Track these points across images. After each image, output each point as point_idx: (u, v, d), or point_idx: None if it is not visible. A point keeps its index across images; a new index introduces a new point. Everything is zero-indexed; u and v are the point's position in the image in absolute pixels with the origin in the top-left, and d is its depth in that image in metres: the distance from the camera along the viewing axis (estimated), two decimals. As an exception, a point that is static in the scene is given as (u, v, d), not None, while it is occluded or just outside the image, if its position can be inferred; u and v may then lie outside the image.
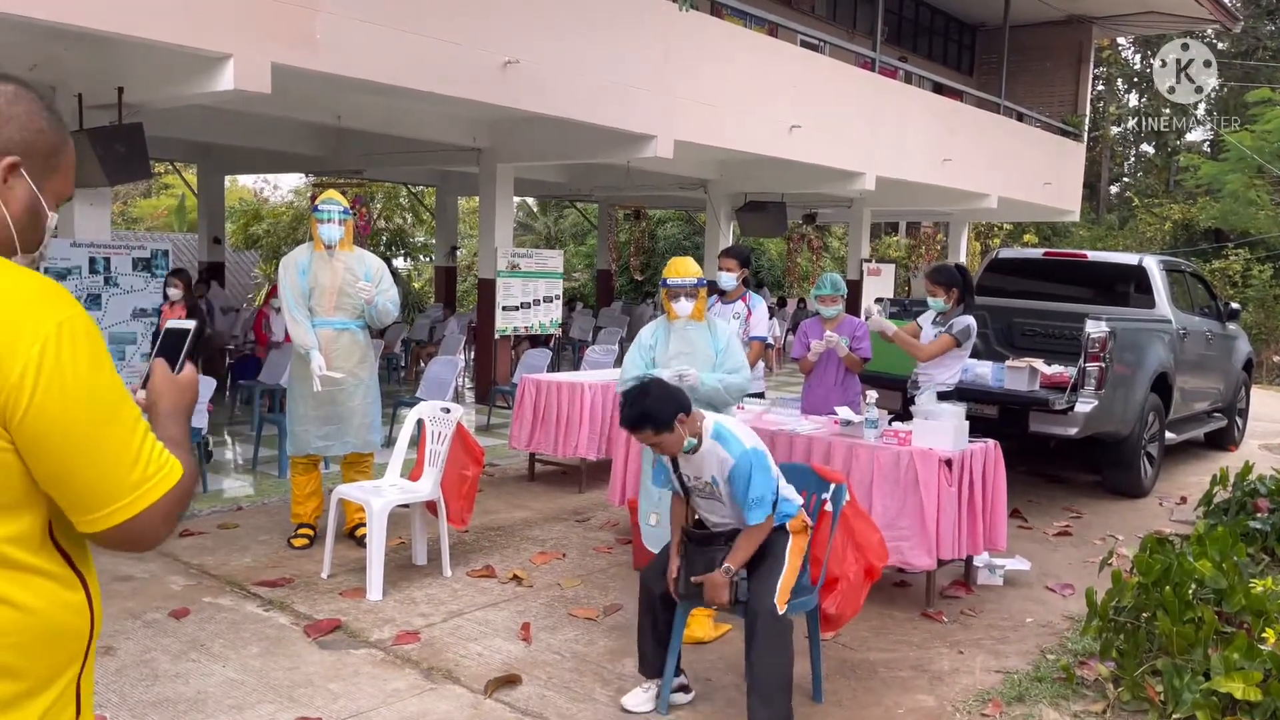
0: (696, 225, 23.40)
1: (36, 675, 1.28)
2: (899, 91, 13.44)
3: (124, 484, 1.27)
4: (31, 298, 1.23)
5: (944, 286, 5.66)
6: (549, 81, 8.14)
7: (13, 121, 1.34)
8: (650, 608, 3.62)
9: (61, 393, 1.22)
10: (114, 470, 1.27)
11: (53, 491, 1.27)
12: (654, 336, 4.47)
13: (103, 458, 1.26)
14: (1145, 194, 28.99)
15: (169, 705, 3.57)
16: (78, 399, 1.23)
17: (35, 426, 1.21)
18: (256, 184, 29.66)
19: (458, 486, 5.13)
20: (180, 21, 5.79)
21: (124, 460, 1.28)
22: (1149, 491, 7.63)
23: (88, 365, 1.24)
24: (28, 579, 1.26)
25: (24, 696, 1.27)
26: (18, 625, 1.25)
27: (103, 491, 1.27)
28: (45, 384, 1.20)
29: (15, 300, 1.22)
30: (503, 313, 10.96)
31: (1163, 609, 3.83)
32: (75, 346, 1.23)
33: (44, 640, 1.28)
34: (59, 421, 1.22)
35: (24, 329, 1.20)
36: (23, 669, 1.26)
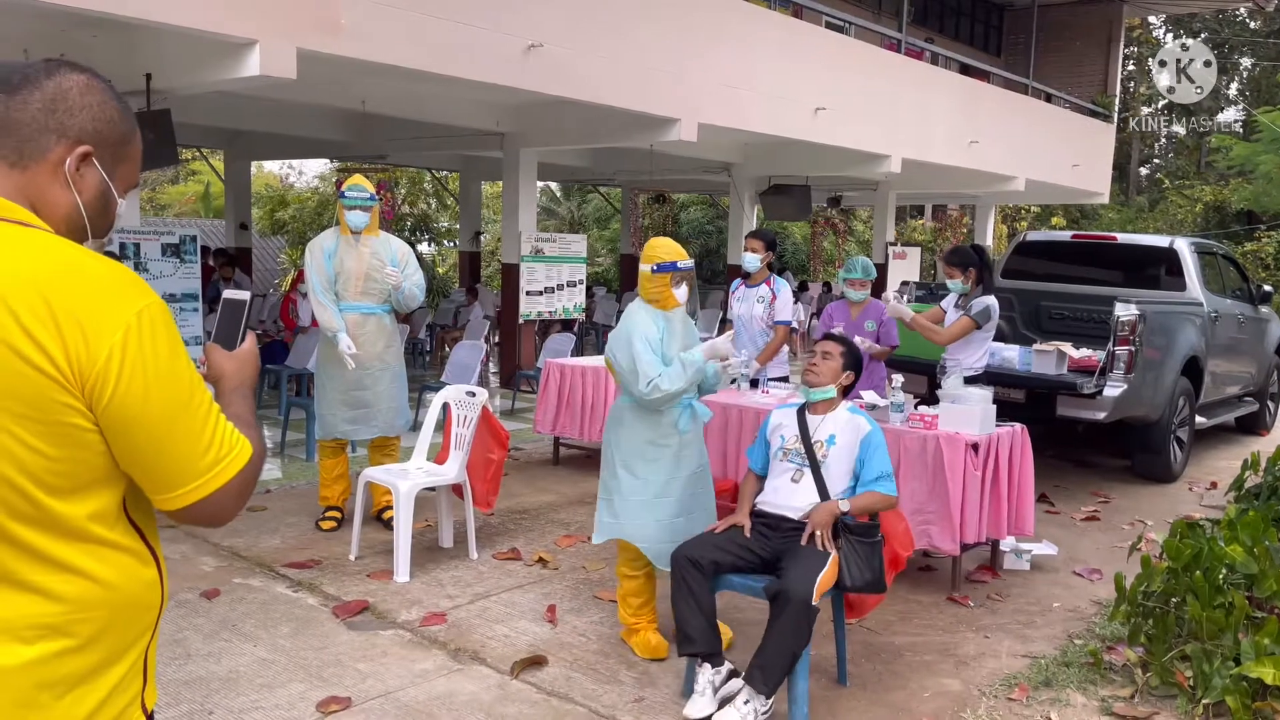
0: (720, 209, 23.32)
1: (111, 647, 1.33)
2: (925, 73, 13.30)
3: (199, 466, 1.33)
4: (112, 286, 1.28)
5: (961, 268, 5.61)
6: (572, 65, 8.13)
7: (85, 111, 1.38)
8: (685, 582, 3.52)
9: (144, 379, 1.27)
10: (190, 453, 1.33)
11: (132, 471, 1.33)
12: (658, 329, 3.88)
13: (179, 441, 1.32)
14: (1176, 175, 28.60)
15: (202, 683, 3.62)
16: (159, 385, 1.28)
17: (119, 411, 1.27)
18: (282, 170, 29.85)
19: (483, 470, 5.16)
20: (207, 8, 5.82)
21: (199, 444, 1.33)
22: (1178, 476, 7.56)
23: (167, 352, 1.30)
24: (106, 554, 1.32)
25: (100, 667, 1.32)
26: (97, 599, 1.30)
27: (179, 472, 1.33)
28: (129, 370, 1.26)
29: (98, 289, 1.26)
30: (526, 297, 10.98)
31: (1192, 594, 3.79)
32: (155, 334, 1.29)
33: (120, 613, 1.34)
34: (141, 406, 1.27)
35: (107, 317, 1.25)
36: (100, 641, 1.32)
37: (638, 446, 3.87)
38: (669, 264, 3.89)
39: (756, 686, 3.31)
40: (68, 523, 1.29)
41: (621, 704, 3.57)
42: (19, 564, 1.27)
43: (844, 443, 3.72)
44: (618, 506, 3.91)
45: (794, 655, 3.32)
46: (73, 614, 1.29)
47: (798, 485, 3.72)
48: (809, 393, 3.86)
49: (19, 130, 1.35)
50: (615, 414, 4.01)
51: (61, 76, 1.38)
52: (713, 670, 3.47)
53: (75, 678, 1.30)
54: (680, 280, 3.92)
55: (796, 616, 3.29)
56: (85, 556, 1.30)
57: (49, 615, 1.28)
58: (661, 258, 3.90)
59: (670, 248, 3.96)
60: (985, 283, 5.62)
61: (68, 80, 1.38)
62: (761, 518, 3.76)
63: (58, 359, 1.23)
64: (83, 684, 1.31)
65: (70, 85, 1.38)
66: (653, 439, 3.86)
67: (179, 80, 6.76)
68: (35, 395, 1.23)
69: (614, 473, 3.93)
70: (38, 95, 1.35)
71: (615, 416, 4.00)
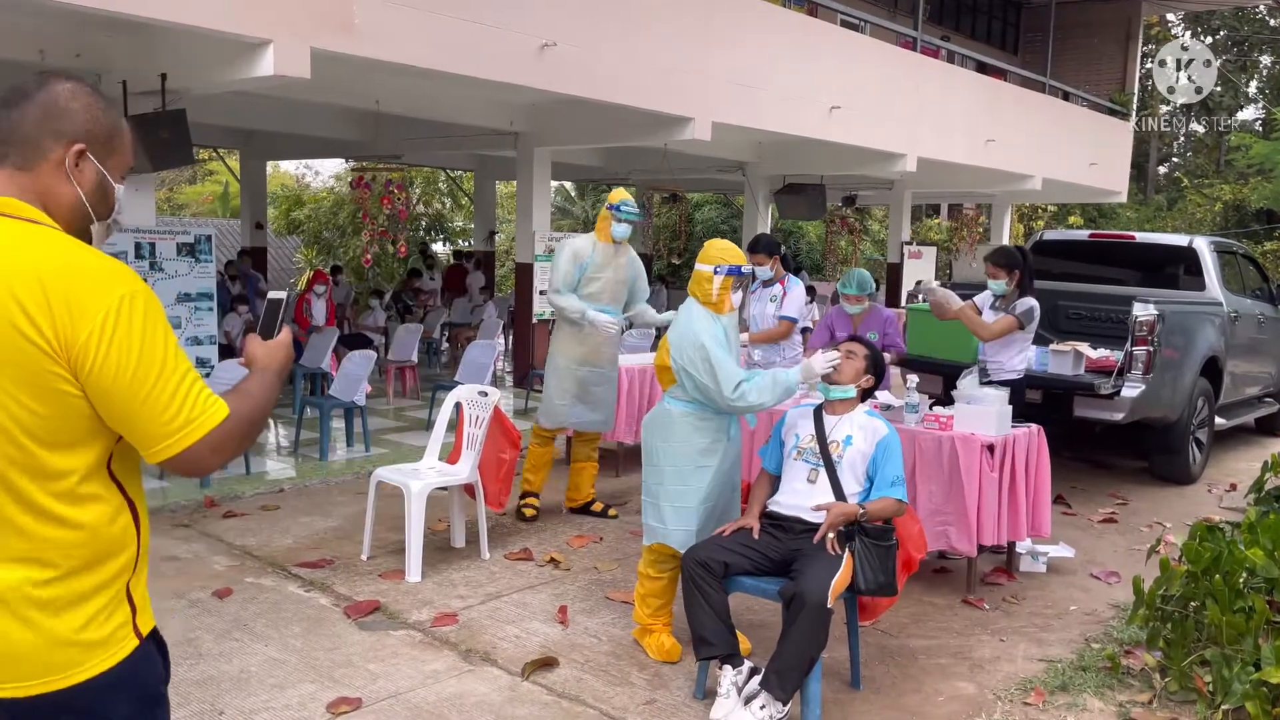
0: (734, 208, 23.26)
1: (91, 580, 1.58)
2: (941, 71, 13.22)
3: (170, 427, 1.55)
4: (99, 276, 1.51)
5: (1006, 269, 5.53)
6: (586, 64, 8.11)
7: (75, 114, 1.61)
8: (697, 586, 3.50)
9: (118, 355, 1.50)
10: (161, 415, 1.54)
11: (120, 430, 1.57)
12: (722, 333, 3.83)
13: (150, 406, 1.53)
14: (1195, 174, 28.35)
15: (213, 683, 3.62)
16: (130, 360, 1.51)
17: (97, 380, 1.50)
18: (298, 170, 29.95)
19: (495, 469, 5.15)
20: (221, 8, 5.83)
21: (170, 407, 1.54)
22: (1197, 478, 7.48)
23: (140, 332, 1.52)
24: (86, 503, 1.56)
25: (84, 596, 1.57)
26: (75, 540, 1.55)
27: (155, 431, 1.55)
28: (105, 347, 1.49)
29: (86, 278, 1.50)
30: (540, 297, 10.96)
31: (1212, 598, 3.74)
32: (131, 317, 1.51)
33: (97, 552, 1.58)
34: (114, 378, 1.50)
35: (91, 302, 1.49)
36: (81, 574, 1.56)
37: (691, 455, 3.83)
38: (735, 268, 3.85)
39: (774, 692, 3.28)
40: (55, 472, 1.53)
41: (633, 706, 3.55)
42: (12, 507, 1.52)
43: (860, 444, 3.68)
44: (665, 511, 3.86)
45: (811, 659, 3.29)
46: (53, 550, 1.54)
47: (813, 486, 3.69)
48: (829, 391, 3.82)
49: (22, 139, 1.58)
50: (662, 420, 3.92)
51: (51, 86, 1.61)
52: (734, 671, 3.44)
53: (62, 601, 1.55)
54: (739, 285, 3.90)
55: (812, 619, 3.26)
56: (67, 504, 1.54)
57: (35, 550, 1.53)
58: (727, 260, 3.85)
59: (733, 251, 3.91)
60: (1025, 285, 5.54)
61: (56, 88, 1.61)
62: (773, 519, 3.73)
63: (49, 335, 1.47)
64: (70, 607, 1.55)
65: (59, 93, 1.60)
66: (706, 448, 3.83)
67: (194, 80, 6.77)
68: (31, 365, 1.48)
69: (661, 479, 3.88)
70: (33, 106, 1.59)
71: (662, 422, 3.91)
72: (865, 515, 3.52)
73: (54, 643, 1.55)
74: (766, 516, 3.76)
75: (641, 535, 4.05)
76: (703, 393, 3.75)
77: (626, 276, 5.81)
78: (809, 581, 3.33)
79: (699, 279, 3.89)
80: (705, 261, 3.88)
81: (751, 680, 3.43)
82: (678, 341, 3.81)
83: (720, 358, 3.71)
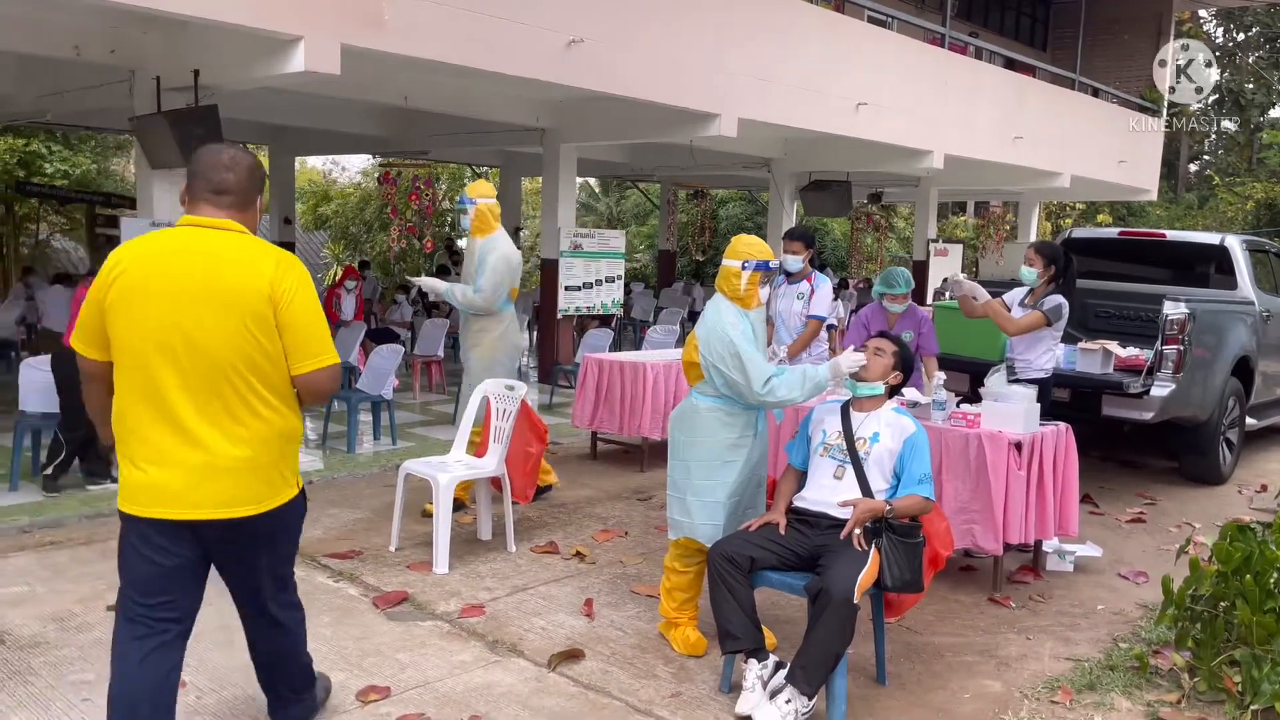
0: (759, 205, 23.22)
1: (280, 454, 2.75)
2: (969, 67, 13.14)
3: (323, 349, 2.71)
4: (286, 257, 2.70)
5: (1044, 259, 5.45)
6: (613, 60, 8.13)
7: (259, 180, 2.83)
8: (723, 580, 3.52)
9: (298, 302, 2.67)
10: (320, 341, 2.71)
11: (289, 345, 2.66)
12: (750, 328, 3.86)
13: (316, 333, 2.70)
14: (1226, 172, 27.98)
15: (245, 670, 3.65)
16: (304, 306, 2.68)
17: (285, 317, 2.64)
18: (325, 166, 30.16)
19: (522, 463, 5.18)
20: (253, 5, 5.89)
21: (325, 338, 2.73)
22: (1227, 479, 7.41)
23: (306, 291, 2.70)
24: (279, 406, 2.71)
25: (274, 463, 2.72)
26: (277, 430, 2.71)
27: (313, 350, 2.69)
28: (292, 295, 2.65)
29: (280, 259, 2.68)
30: (565, 293, 11.01)
31: (1242, 598, 3.71)
32: (303, 280, 2.71)
33: (284, 438, 2.74)
34: (294, 314, 2.66)
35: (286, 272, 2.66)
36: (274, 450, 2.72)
37: (718, 451, 3.84)
38: (763, 263, 3.86)
39: (799, 687, 3.29)
40: (271, 386, 2.67)
41: (659, 699, 3.57)
42: (244, 409, 2.64)
43: (887, 441, 3.68)
44: (691, 506, 3.87)
45: (836, 655, 3.30)
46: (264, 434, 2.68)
47: (840, 482, 3.69)
48: (857, 388, 3.82)
49: (241, 192, 2.74)
50: (688, 415, 3.93)
51: (250, 160, 2.78)
52: (759, 665, 3.45)
53: (265, 464, 2.69)
54: (767, 280, 3.91)
55: (838, 615, 3.26)
56: (275, 408, 2.69)
57: (253, 434, 2.66)
58: (754, 255, 3.87)
59: (761, 247, 3.92)
60: (1058, 283, 5.47)
61: (252, 161, 2.79)
62: (799, 515, 3.74)
63: (267, 292, 2.62)
64: (269, 468, 2.70)
65: (253, 164, 2.79)
66: (734, 443, 3.84)
67: (226, 76, 6.85)
68: (262, 312, 2.62)
69: (688, 474, 3.90)
70: (244, 172, 2.74)
71: (688, 418, 3.93)
72: (892, 512, 3.52)
73: (258, 488, 2.69)
74: (792, 512, 3.76)
75: (667, 530, 4.06)
76: (732, 388, 3.76)
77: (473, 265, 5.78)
78: (835, 577, 3.33)
79: (726, 274, 3.90)
80: (733, 257, 3.89)
81: (777, 674, 3.44)
82: (706, 337, 3.82)
83: (750, 353, 3.72)
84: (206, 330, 2.57)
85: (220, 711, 3.37)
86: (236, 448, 2.61)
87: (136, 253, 2.63)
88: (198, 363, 2.57)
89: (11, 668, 3.64)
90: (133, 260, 2.61)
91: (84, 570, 4.72)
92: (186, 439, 2.59)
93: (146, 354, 2.57)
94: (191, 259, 2.60)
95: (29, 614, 4.15)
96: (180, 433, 2.59)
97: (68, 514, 5.52)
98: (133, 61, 7.30)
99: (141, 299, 2.57)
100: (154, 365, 2.57)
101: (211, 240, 2.65)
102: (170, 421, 2.59)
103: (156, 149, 7.18)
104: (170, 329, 2.56)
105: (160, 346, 2.57)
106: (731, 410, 3.84)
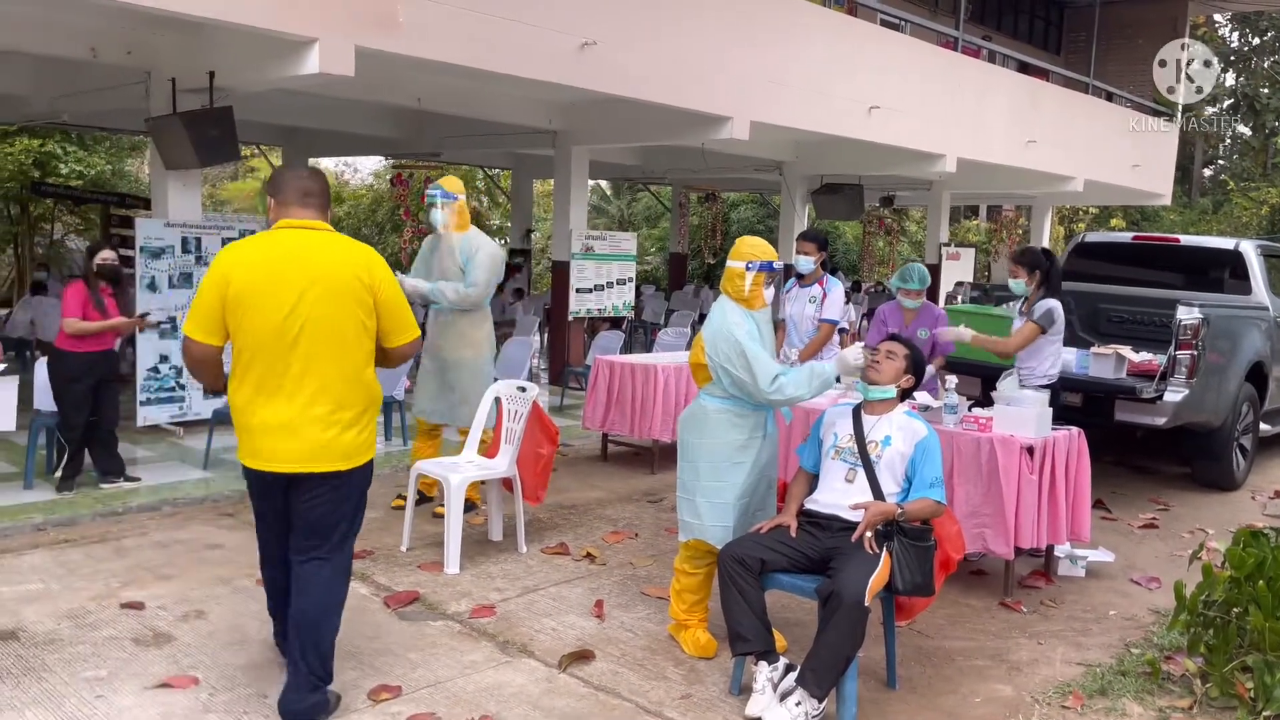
0: (771, 208, 23.20)
1: (364, 417, 3.30)
2: (982, 71, 13.11)
3: (410, 325, 3.38)
4: (373, 252, 3.32)
5: (1027, 268, 5.48)
6: (626, 63, 8.14)
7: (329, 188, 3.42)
8: (734, 582, 3.52)
9: (388, 289, 3.30)
10: (407, 318, 3.37)
11: (385, 323, 3.30)
12: (756, 328, 3.88)
13: (405, 312, 3.37)
14: (1241, 177, 27.83)
15: (257, 669, 3.70)
16: (394, 292, 3.32)
17: (381, 299, 3.26)
18: (337, 167, 30.26)
19: (533, 464, 5.19)
20: (268, 7, 5.93)
21: (407, 318, 3.38)
22: (1241, 485, 7.37)
23: (391, 279, 3.34)
24: (370, 373, 3.30)
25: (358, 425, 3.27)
26: (365, 395, 3.29)
27: (402, 326, 3.36)
28: (383, 283, 3.27)
29: (370, 253, 3.30)
30: (576, 295, 11.02)
31: (1255, 604, 3.69)
32: (388, 271, 3.33)
33: (369, 403, 3.31)
34: (386, 297, 3.28)
35: (376, 264, 3.27)
36: (360, 413, 3.27)
37: (727, 452, 3.85)
38: (766, 263, 3.88)
39: (810, 689, 3.29)
40: (365, 357, 3.26)
41: (669, 700, 3.58)
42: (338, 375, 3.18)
43: (899, 444, 3.68)
44: (700, 507, 3.88)
45: (847, 658, 3.30)
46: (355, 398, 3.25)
47: (851, 485, 3.69)
48: (869, 391, 3.82)
49: (324, 196, 3.33)
50: (697, 417, 3.94)
51: (321, 171, 3.47)
52: (770, 667, 3.45)
53: (352, 425, 3.24)
54: (771, 281, 3.92)
55: (849, 618, 3.26)
56: (365, 376, 3.27)
57: (344, 398, 3.21)
58: (758, 256, 3.89)
59: (764, 247, 3.93)
60: (1047, 287, 5.48)
61: (322, 174, 3.44)
62: (810, 518, 3.74)
63: (368, 282, 3.22)
64: (353, 427, 3.24)
65: (324, 176, 3.40)
66: (742, 444, 3.85)
67: (241, 78, 6.89)
68: (363, 296, 3.20)
69: (697, 475, 3.90)
70: (323, 181, 3.36)
71: (698, 419, 3.94)
72: (903, 515, 3.52)
73: (345, 446, 3.22)
74: (804, 514, 3.76)
75: (677, 532, 4.07)
76: (740, 388, 3.76)
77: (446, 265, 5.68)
78: (846, 580, 3.33)
79: (730, 276, 3.92)
80: (736, 258, 3.91)
81: (787, 677, 3.44)
82: (712, 339, 3.83)
83: (756, 352, 3.73)
84: (319, 311, 3.12)
85: (232, 709, 3.38)
86: (342, 411, 3.21)
87: (248, 253, 3.17)
88: (314, 339, 3.12)
89: (26, 664, 3.67)
90: (246, 260, 3.14)
91: (98, 568, 4.75)
92: (300, 403, 3.15)
93: (268, 337, 3.11)
94: (299, 254, 3.16)
95: (44, 611, 4.18)
96: (293, 400, 3.14)
97: (82, 512, 5.55)
98: (149, 63, 7.36)
99: (263, 290, 3.10)
100: (275, 345, 3.11)
101: (310, 238, 3.20)
102: (284, 391, 3.14)
103: (171, 150, 7.22)
104: (287, 313, 3.09)
105: (277, 330, 3.10)
106: (740, 411, 3.84)
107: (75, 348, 5.78)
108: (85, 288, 5.84)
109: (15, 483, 6.06)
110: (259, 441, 3.18)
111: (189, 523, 5.56)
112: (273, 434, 3.15)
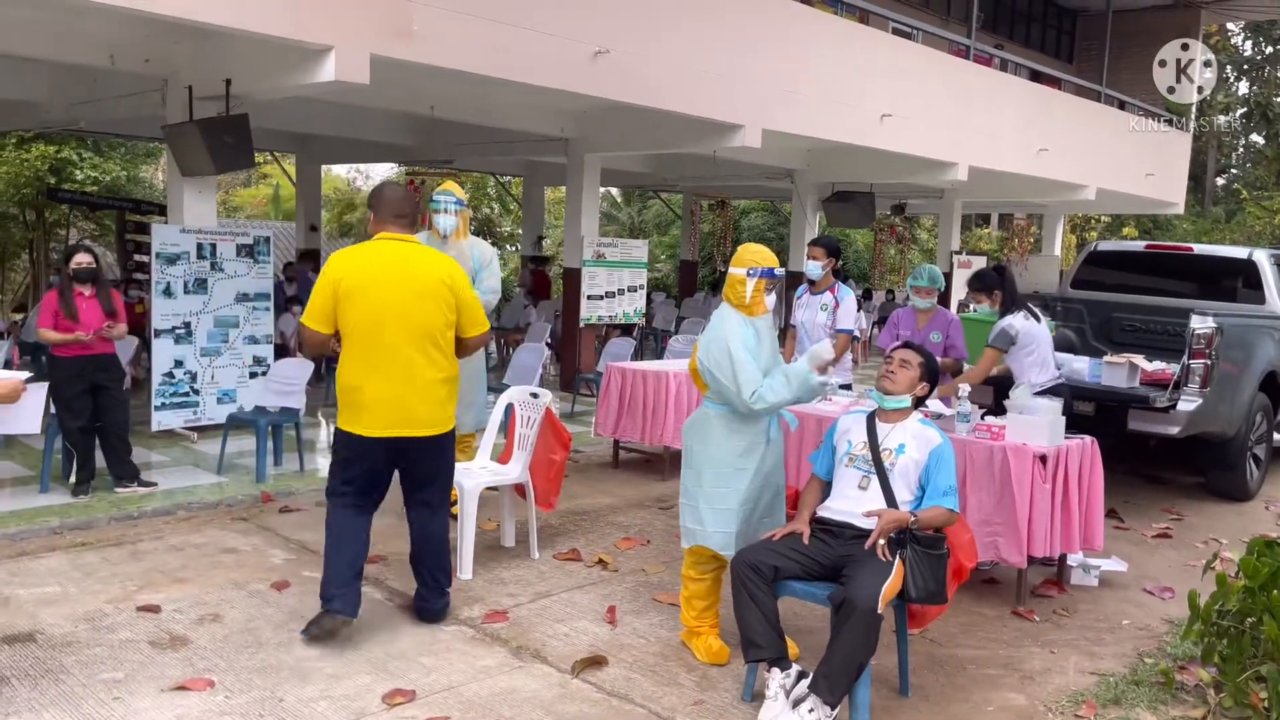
0: (782, 215, 23.22)
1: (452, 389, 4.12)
2: (994, 79, 13.11)
3: (481, 321, 4.19)
4: (452, 262, 4.13)
5: (985, 292, 5.58)
6: (638, 71, 8.18)
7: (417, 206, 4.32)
8: (747, 588, 3.53)
9: (466, 291, 4.09)
10: (480, 315, 4.17)
11: (462, 319, 4.06)
12: (753, 336, 3.89)
13: (478, 309, 4.17)
14: (1255, 186, 27.73)
15: (272, 671, 3.72)
16: (469, 292, 4.12)
17: (460, 300, 4.04)
18: (350, 174, 30.43)
19: (545, 470, 5.21)
20: (285, 15, 5.98)
21: (483, 313, 4.21)
22: (1255, 495, 7.34)
23: (468, 282, 4.15)
24: (453, 359, 4.11)
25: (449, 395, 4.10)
26: (452, 370, 4.10)
27: (476, 321, 4.14)
28: (463, 288, 4.07)
29: (450, 263, 4.11)
30: (588, 302, 11.05)
31: (1269, 614, 3.68)
32: (464, 278, 4.11)
33: (453, 377, 4.11)
34: (465, 299, 4.07)
35: (457, 273, 4.07)
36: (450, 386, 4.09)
37: (729, 458, 3.87)
38: (767, 269, 3.89)
39: (822, 696, 3.29)
40: (449, 341, 4.05)
41: (681, 706, 3.59)
42: (435, 353, 3.99)
43: (913, 452, 3.68)
44: (703, 513, 3.89)
45: (860, 665, 3.30)
46: (445, 372, 4.04)
47: (864, 492, 3.70)
48: (883, 400, 3.83)
49: (413, 215, 4.13)
50: (700, 423, 3.97)
51: (410, 193, 4.27)
52: (782, 674, 3.45)
53: (446, 396, 4.07)
54: (772, 287, 3.92)
55: (862, 625, 3.27)
56: (450, 355, 4.08)
57: (439, 372, 4.01)
58: (758, 262, 3.91)
59: (765, 254, 3.95)
60: (1006, 304, 5.54)
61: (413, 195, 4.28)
62: (823, 525, 3.75)
63: (449, 284, 4.01)
64: (449, 400, 4.09)
65: (414, 196, 4.34)
66: (744, 450, 3.86)
67: (257, 86, 6.95)
68: (446, 298, 4.00)
69: (700, 481, 3.92)
70: (414, 202, 4.16)
71: (700, 426, 3.96)
72: (916, 523, 3.52)
73: (441, 413, 4.04)
74: (817, 522, 3.77)
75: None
76: (724, 395, 3.79)
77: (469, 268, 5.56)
78: (859, 587, 3.34)
79: (732, 282, 3.94)
80: (738, 265, 3.94)
81: (800, 684, 3.44)
82: (706, 344, 3.88)
83: (743, 360, 3.74)
84: (413, 308, 3.90)
85: (248, 712, 3.40)
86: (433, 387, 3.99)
87: (355, 258, 3.97)
88: (410, 330, 3.89)
89: (44, 666, 3.70)
90: (354, 264, 3.93)
91: (114, 571, 4.78)
92: (399, 381, 3.91)
93: (372, 326, 3.87)
94: (396, 262, 3.95)
95: (61, 613, 4.22)
96: (391, 378, 3.90)
97: (97, 515, 5.60)
98: (166, 71, 7.43)
99: (368, 289, 3.88)
100: (378, 333, 3.88)
101: (404, 249, 4.00)
102: (385, 371, 3.89)
103: (187, 156, 7.28)
104: (388, 308, 3.87)
105: (380, 322, 3.87)
106: (743, 417, 3.85)
107: (63, 352, 5.87)
108: (57, 296, 5.91)
109: (32, 486, 6.11)
110: (365, 412, 3.93)
111: (204, 527, 5.59)
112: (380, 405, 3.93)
